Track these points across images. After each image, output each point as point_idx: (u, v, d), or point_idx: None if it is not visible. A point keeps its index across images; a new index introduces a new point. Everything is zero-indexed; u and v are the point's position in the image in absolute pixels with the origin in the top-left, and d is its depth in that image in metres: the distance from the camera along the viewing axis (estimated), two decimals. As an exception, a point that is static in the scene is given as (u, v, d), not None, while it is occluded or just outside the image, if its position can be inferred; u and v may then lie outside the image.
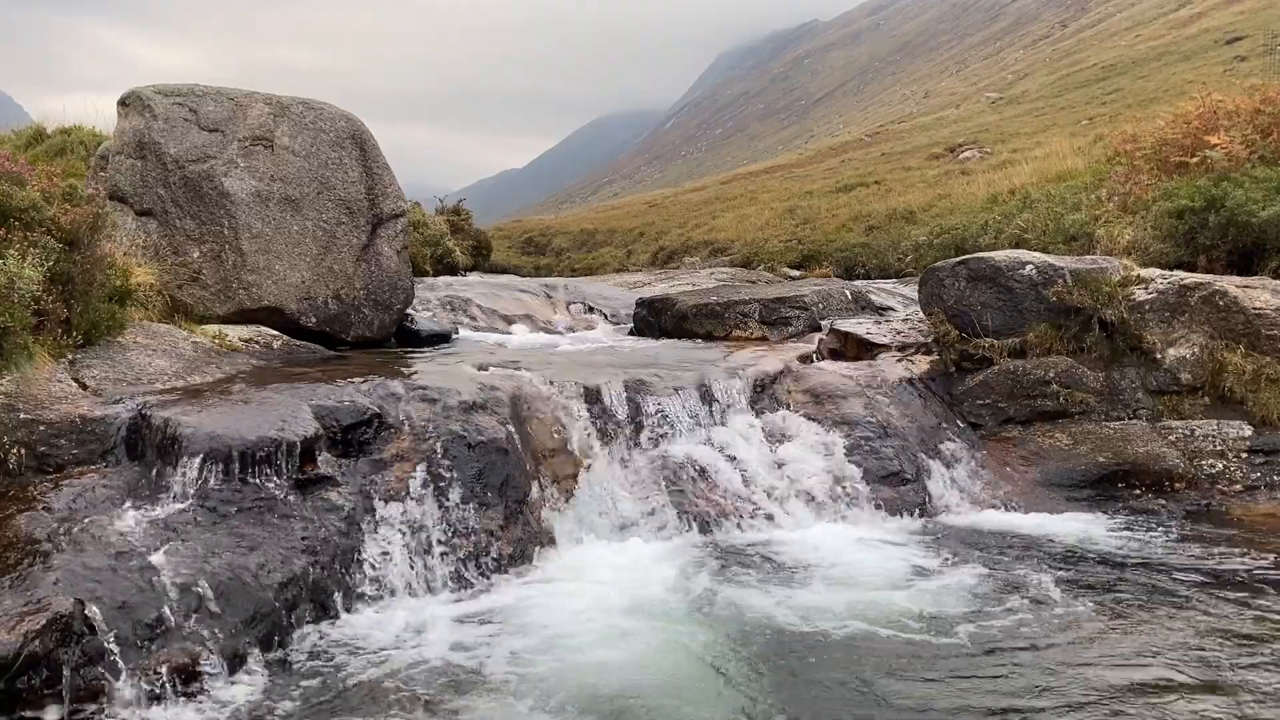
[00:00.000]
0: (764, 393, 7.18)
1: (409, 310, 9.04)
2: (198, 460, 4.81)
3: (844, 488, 6.54)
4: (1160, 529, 6.19)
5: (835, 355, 8.60)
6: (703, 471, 6.45)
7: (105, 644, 3.88)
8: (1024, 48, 62.40)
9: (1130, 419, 7.17)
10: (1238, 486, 6.63)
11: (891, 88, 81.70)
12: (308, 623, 4.58)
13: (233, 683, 4.08)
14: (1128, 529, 6.21)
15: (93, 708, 3.77)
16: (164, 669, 3.96)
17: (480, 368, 6.87)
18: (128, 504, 4.71)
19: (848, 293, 10.47)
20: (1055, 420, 7.26)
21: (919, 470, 6.79)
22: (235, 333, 7.39)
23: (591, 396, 6.54)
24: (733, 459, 6.59)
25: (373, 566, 4.97)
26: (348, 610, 4.76)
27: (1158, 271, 7.88)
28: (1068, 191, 12.72)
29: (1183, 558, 5.60)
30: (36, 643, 3.69)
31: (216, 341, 7.09)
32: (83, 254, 6.02)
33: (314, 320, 8.06)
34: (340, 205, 8.27)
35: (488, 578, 5.28)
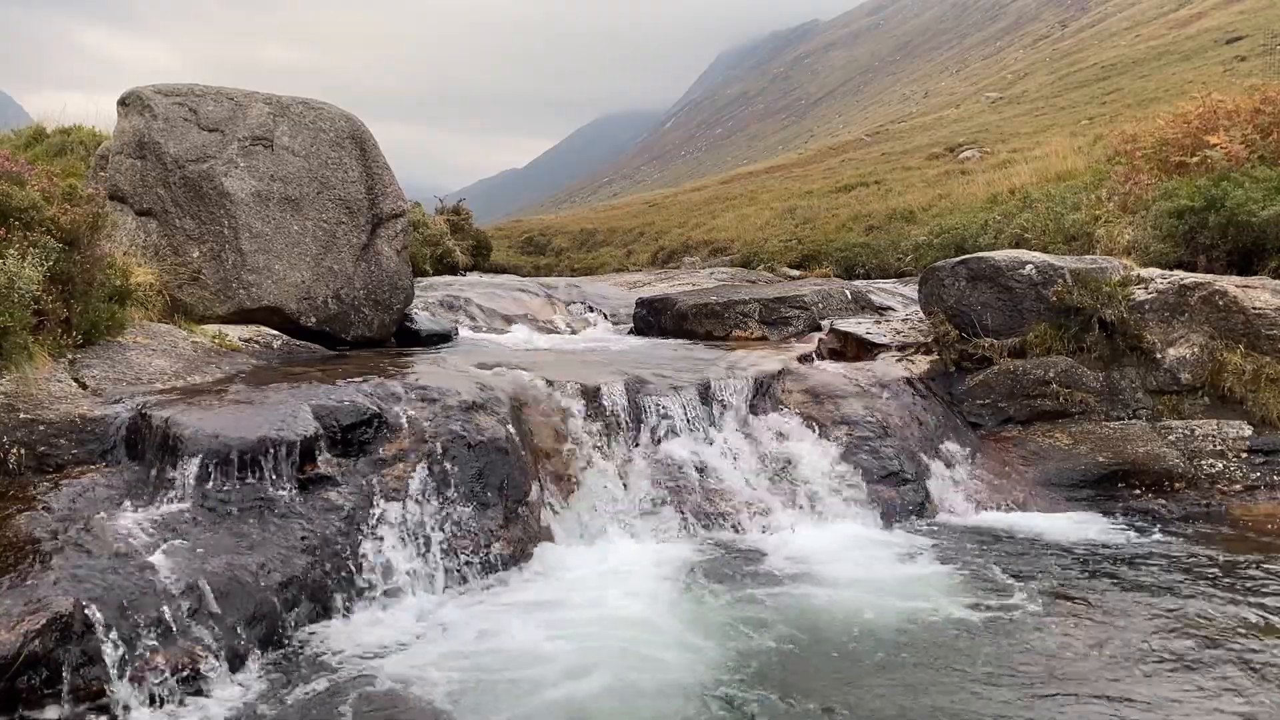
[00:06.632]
0: (764, 393, 7.17)
1: (409, 310, 9.04)
2: (198, 460, 4.81)
3: (844, 488, 6.54)
4: (1160, 528, 6.19)
5: (835, 355, 8.61)
6: (702, 471, 6.45)
7: (105, 644, 3.88)
8: (1024, 48, 62.39)
9: (1130, 419, 7.17)
10: (1237, 486, 6.63)
11: (891, 88, 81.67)
12: (307, 622, 4.59)
13: (232, 682, 4.09)
14: (1127, 529, 6.22)
15: (92, 707, 3.77)
16: (164, 669, 3.96)
17: (480, 367, 6.87)
18: (128, 504, 4.71)
19: (848, 292, 10.48)
20: (1055, 420, 7.26)
21: (919, 470, 6.79)
22: (235, 332, 7.39)
23: (591, 396, 6.54)
24: (732, 459, 6.60)
25: (372, 566, 4.97)
26: (347, 610, 4.76)
27: (1157, 271, 7.88)
28: (1068, 191, 12.71)
29: (1183, 557, 5.60)
30: (36, 642, 3.69)
31: (216, 341, 7.09)
32: (83, 254, 6.02)
33: (314, 320, 8.06)
34: (340, 205, 8.27)
35: (487, 578, 5.28)
